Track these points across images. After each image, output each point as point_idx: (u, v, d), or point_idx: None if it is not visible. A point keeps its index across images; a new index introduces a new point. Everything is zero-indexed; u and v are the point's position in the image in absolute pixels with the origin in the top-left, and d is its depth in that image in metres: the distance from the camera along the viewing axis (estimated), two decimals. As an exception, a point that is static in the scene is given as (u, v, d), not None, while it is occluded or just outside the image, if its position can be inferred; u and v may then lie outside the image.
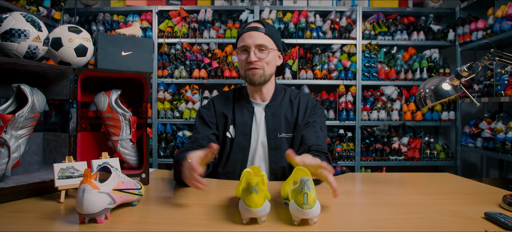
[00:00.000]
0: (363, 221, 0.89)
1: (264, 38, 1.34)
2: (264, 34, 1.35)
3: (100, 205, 0.79)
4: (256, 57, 1.33)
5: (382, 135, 3.33)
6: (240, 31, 1.40)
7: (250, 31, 1.35)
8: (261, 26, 1.36)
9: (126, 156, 1.25)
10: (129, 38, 1.31)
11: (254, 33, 1.34)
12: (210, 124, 1.41)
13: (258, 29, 1.35)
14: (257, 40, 1.33)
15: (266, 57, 1.35)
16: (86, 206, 0.77)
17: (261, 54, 1.34)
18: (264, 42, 1.34)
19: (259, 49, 1.34)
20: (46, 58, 1.78)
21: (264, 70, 1.35)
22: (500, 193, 1.13)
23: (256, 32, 1.34)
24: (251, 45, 1.33)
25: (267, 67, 1.36)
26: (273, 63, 1.39)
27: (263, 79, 1.36)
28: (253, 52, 1.33)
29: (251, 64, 1.34)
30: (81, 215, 0.80)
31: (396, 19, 3.45)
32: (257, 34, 1.34)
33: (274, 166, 1.38)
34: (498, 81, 2.77)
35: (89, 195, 0.78)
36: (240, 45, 1.37)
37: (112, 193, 0.84)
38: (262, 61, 1.34)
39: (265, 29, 1.35)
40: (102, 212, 0.81)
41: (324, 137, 1.39)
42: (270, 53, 1.35)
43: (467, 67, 1.04)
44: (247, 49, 1.34)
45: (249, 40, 1.33)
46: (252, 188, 0.78)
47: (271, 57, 1.36)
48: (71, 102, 1.17)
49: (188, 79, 3.33)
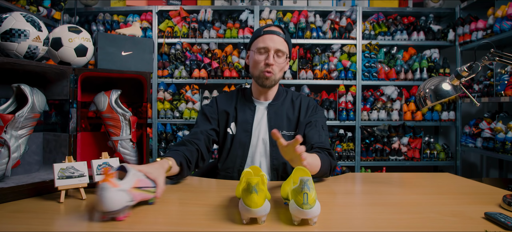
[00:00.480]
0: (363, 221, 0.89)
1: (283, 44, 1.39)
2: (284, 40, 1.39)
3: (120, 202, 0.80)
4: (274, 60, 1.37)
5: (382, 135, 3.33)
6: (258, 31, 1.42)
7: (272, 34, 1.38)
8: (282, 32, 1.40)
9: (126, 156, 1.25)
10: (129, 38, 1.31)
11: (276, 38, 1.37)
12: (210, 120, 1.44)
13: (279, 34, 1.38)
14: (278, 45, 1.37)
15: (282, 63, 1.40)
16: (106, 203, 0.79)
17: (278, 59, 1.39)
18: (283, 49, 1.38)
19: (277, 53, 1.38)
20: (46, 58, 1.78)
21: (275, 75, 1.40)
22: (500, 193, 1.13)
23: (277, 36, 1.38)
24: (271, 48, 1.36)
25: (278, 72, 1.41)
26: (284, 69, 1.45)
27: (274, 83, 1.42)
28: (272, 55, 1.36)
29: (268, 66, 1.37)
30: (102, 213, 0.81)
31: (396, 19, 3.45)
32: (278, 39, 1.37)
33: (276, 162, 1.40)
34: (498, 81, 2.77)
35: (109, 193, 0.79)
36: (260, 45, 1.38)
37: (131, 191, 0.85)
38: (277, 66, 1.39)
39: (285, 36, 1.40)
40: (122, 210, 0.82)
41: (326, 135, 1.42)
42: (285, 60, 1.41)
43: (467, 67, 1.04)
44: (267, 51, 1.37)
45: (271, 43, 1.36)
46: (252, 188, 0.78)
47: (284, 64, 1.42)
48: (71, 102, 1.17)
49: (188, 79, 3.33)
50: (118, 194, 0.80)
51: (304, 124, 1.43)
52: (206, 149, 1.39)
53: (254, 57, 1.40)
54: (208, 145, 1.41)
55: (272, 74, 1.38)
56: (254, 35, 1.44)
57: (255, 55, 1.40)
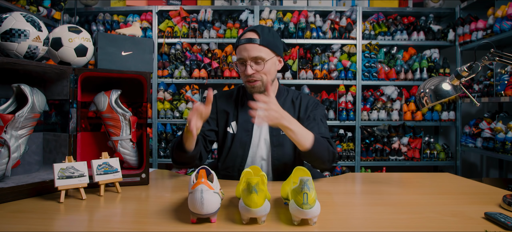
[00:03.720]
0: (363, 221, 0.89)
1: (259, 49, 1.32)
2: (259, 45, 1.32)
3: (216, 204, 0.81)
4: (253, 69, 1.33)
5: (382, 135, 3.33)
6: (236, 41, 1.39)
7: (245, 44, 1.33)
8: (256, 37, 1.33)
9: (126, 156, 1.25)
10: (129, 38, 1.31)
11: (249, 46, 1.32)
12: (209, 120, 1.43)
13: (253, 41, 1.32)
14: (252, 53, 1.32)
15: (263, 69, 1.34)
16: (206, 206, 0.79)
17: (258, 66, 1.34)
18: (260, 54, 1.32)
19: (255, 61, 1.33)
20: (46, 58, 1.78)
21: (262, 80, 1.36)
22: (500, 193, 1.13)
23: (250, 44, 1.32)
24: (246, 58, 1.33)
25: (265, 77, 1.36)
26: (272, 70, 1.38)
27: (262, 89, 1.38)
28: (249, 66, 1.33)
29: (249, 76, 1.34)
30: (198, 215, 0.80)
31: (396, 19, 3.45)
32: (252, 47, 1.32)
33: (277, 162, 1.40)
34: (498, 81, 2.77)
35: (207, 195, 0.79)
36: (237, 57, 1.37)
37: (220, 193, 0.86)
38: (259, 73, 1.34)
39: (260, 40, 1.32)
40: (217, 212, 0.82)
41: (325, 127, 1.43)
42: (266, 63, 1.34)
43: (467, 67, 1.04)
44: (243, 62, 1.35)
45: (245, 53, 1.33)
46: (252, 188, 0.78)
47: (268, 67, 1.35)
48: (71, 102, 1.17)
49: (188, 79, 3.33)
50: (214, 196, 0.81)
51: (304, 120, 1.42)
52: (204, 149, 1.40)
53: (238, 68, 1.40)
54: (205, 145, 1.41)
55: (257, 81, 1.35)
56: (235, 44, 1.41)
57: (237, 67, 1.40)
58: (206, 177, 0.87)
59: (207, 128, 1.42)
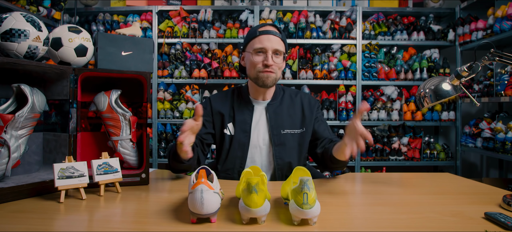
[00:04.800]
0: (363, 221, 0.89)
1: (280, 43, 1.37)
2: (280, 40, 1.37)
3: (216, 204, 0.81)
4: (272, 60, 1.35)
5: (382, 135, 3.33)
6: (253, 32, 1.39)
7: (268, 34, 1.35)
8: (277, 31, 1.38)
9: (126, 156, 1.25)
10: (129, 38, 1.31)
11: (273, 38, 1.35)
12: (205, 123, 1.42)
13: (276, 34, 1.36)
14: (275, 45, 1.35)
15: (281, 62, 1.38)
16: (206, 206, 0.79)
17: (277, 59, 1.37)
18: (280, 48, 1.36)
19: (275, 53, 1.36)
20: (46, 58, 1.78)
21: (276, 74, 1.39)
22: (500, 193, 1.13)
23: (274, 36, 1.36)
24: (269, 48, 1.34)
25: (278, 71, 1.40)
26: (282, 67, 1.42)
27: (274, 82, 1.40)
28: (271, 56, 1.34)
29: (267, 67, 1.35)
30: (198, 215, 0.80)
31: (396, 19, 3.45)
32: (275, 39, 1.36)
33: (280, 162, 1.40)
34: (498, 81, 2.77)
35: (207, 195, 0.79)
36: (256, 46, 1.36)
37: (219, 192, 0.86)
38: (276, 66, 1.37)
39: (281, 35, 1.38)
40: (217, 212, 0.82)
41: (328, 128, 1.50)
42: (283, 58, 1.39)
43: (467, 67, 1.04)
44: (264, 51, 1.35)
45: (268, 44, 1.34)
46: (252, 188, 0.78)
47: (283, 62, 1.40)
48: (71, 102, 1.17)
49: (188, 79, 3.33)
50: (215, 196, 0.81)
51: (312, 121, 1.46)
52: (202, 153, 1.40)
53: (251, 59, 1.37)
54: (203, 149, 1.41)
55: (273, 73, 1.37)
56: (248, 35, 1.41)
57: (252, 57, 1.37)
58: (206, 177, 0.87)
59: (203, 131, 1.41)
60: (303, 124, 1.45)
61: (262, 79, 1.37)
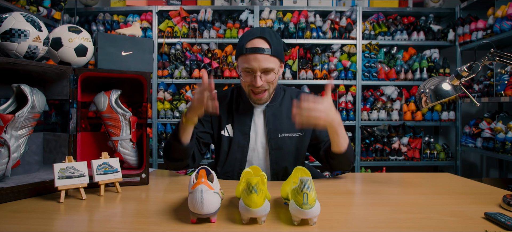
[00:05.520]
0: (363, 221, 0.89)
1: (270, 60, 1.26)
2: (270, 56, 1.26)
3: (216, 204, 0.81)
4: (262, 81, 1.27)
5: (382, 135, 3.33)
6: (242, 46, 1.29)
7: (255, 53, 1.25)
8: (267, 46, 1.26)
9: (126, 156, 1.25)
10: (129, 38, 1.31)
11: (260, 57, 1.25)
12: (203, 122, 1.41)
13: (263, 52, 1.25)
14: (263, 64, 1.25)
15: (272, 78, 1.29)
16: (206, 206, 0.79)
17: (268, 77, 1.29)
18: (270, 65, 1.26)
19: (265, 72, 1.27)
20: (46, 58, 1.78)
21: (269, 90, 1.33)
22: (500, 193, 1.13)
23: (261, 55, 1.25)
24: (256, 69, 1.26)
25: (272, 86, 1.33)
26: (277, 78, 1.34)
27: (267, 100, 1.36)
28: (259, 77, 1.26)
29: (257, 88, 1.28)
30: (198, 215, 0.80)
31: (396, 19, 3.45)
32: (263, 57, 1.25)
33: (276, 166, 1.38)
34: (498, 81, 2.77)
35: (207, 195, 0.79)
36: (243, 66, 1.28)
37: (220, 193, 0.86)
38: (267, 83, 1.30)
39: (271, 50, 1.26)
40: (217, 212, 0.82)
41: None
42: (276, 73, 1.31)
43: (467, 67, 1.04)
44: (253, 72, 1.27)
45: (255, 64, 1.25)
46: (252, 188, 0.78)
47: (276, 76, 1.32)
48: (71, 102, 1.17)
49: (188, 79, 3.33)
50: (215, 196, 0.81)
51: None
52: (198, 151, 1.38)
53: (240, 76, 1.32)
54: (199, 148, 1.39)
55: (265, 92, 1.32)
56: (238, 48, 1.32)
57: (241, 74, 1.31)
58: (206, 177, 0.87)
59: (200, 129, 1.39)
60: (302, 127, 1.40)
61: (253, 100, 1.35)
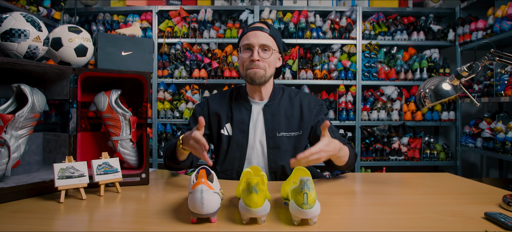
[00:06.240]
0: (363, 221, 0.89)
1: (268, 38, 1.37)
2: (268, 35, 1.37)
3: (216, 204, 0.81)
4: (259, 56, 1.35)
5: (382, 135, 3.33)
6: (244, 30, 1.42)
7: (255, 30, 1.36)
8: (266, 27, 1.38)
9: (126, 156, 1.25)
10: (129, 38, 1.31)
11: (259, 33, 1.36)
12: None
13: (263, 29, 1.37)
14: (262, 40, 1.35)
15: (269, 58, 1.37)
16: (206, 206, 0.79)
17: (264, 54, 1.36)
18: (268, 43, 1.36)
19: (262, 49, 1.36)
20: (46, 58, 1.78)
21: (265, 71, 1.37)
22: (500, 193, 1.13)
23: (261, 32, 1.36)
24: (255, 44, 1.35)
25: (268, 68, 1.38)
26: (274, 64, 1.42)
27: (264, 79, 1.38)
28: (257, 51, 1.35)
29: (253, 62, 1.35)
30: (198, 215, 0.80)
31: (396, 19, 3.45)
32: (262, 34, 1.36)
33: (273, 165, 1.39)
34: (498, 81, 2.77)
35: (207, 195, 0.79)
36: (243, 43, 1.38)
37: (219, 192, 0.86)
38: (264, 62, 1.37)
39: (270, 30, 1.38)
40: (217, 212, 0.82)
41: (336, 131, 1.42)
42: (272, 54, 1.38)
43: (467, 67, 1.04)
44: (251, 48, 1.36)
45: (254, 40, 1.35)
46: (252, 188, 0.78)
47: (273, 58, 1.39)
48: (71, 102, 1.17)
49: (188, 79, 3.33)
50: (215, 196, 0.81)
51: (310, 126, 1.42)
52: None
53: (240, 56, 1.41)
54: None
55: (261, 70, 1.36)
56: (241, 34, 1.44)
57: (241, 54, 1.40)
58: (206, 177, 0.87)
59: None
60: (300, 127, 1.42)
61: (249, 75, 1.37)
